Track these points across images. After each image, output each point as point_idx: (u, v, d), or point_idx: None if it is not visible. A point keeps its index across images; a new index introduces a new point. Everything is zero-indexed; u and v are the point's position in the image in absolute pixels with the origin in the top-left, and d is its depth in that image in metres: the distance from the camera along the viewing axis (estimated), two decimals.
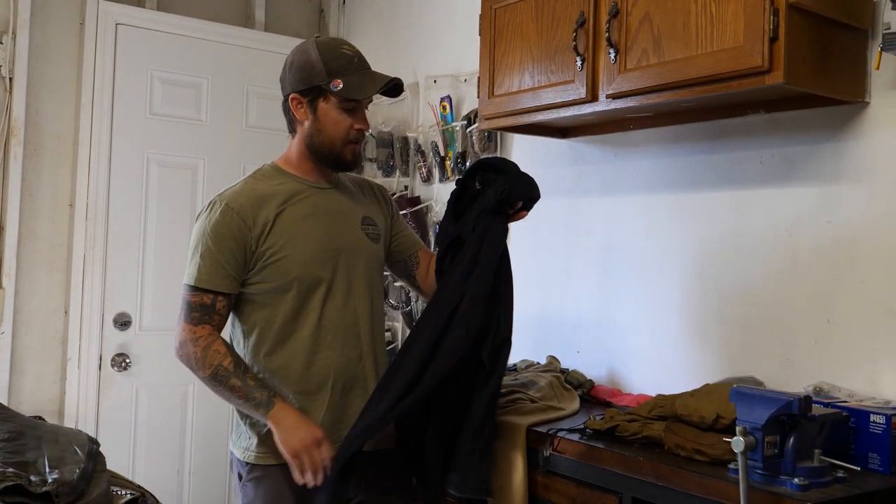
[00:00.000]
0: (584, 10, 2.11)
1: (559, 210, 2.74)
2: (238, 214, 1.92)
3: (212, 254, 1.91)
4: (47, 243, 3.24)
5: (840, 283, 1.98)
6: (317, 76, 1.95)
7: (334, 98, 1.95)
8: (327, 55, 1.97)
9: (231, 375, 1.88)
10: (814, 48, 1.79)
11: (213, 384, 1.91)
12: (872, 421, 1.70)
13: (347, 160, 2.01)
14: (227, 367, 1.89)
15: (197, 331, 1.91)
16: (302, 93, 1.97)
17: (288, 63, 2.02)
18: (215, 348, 1.90)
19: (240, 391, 1.88)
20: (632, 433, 1.88)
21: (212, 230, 1.92)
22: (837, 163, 1.99)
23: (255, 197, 1.95)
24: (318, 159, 2.02)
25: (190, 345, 1.90)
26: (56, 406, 3.24)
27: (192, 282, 1.93)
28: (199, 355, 1.89)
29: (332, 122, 1.97)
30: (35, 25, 3.19)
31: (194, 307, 1.92)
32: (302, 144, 2.02)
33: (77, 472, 1.97)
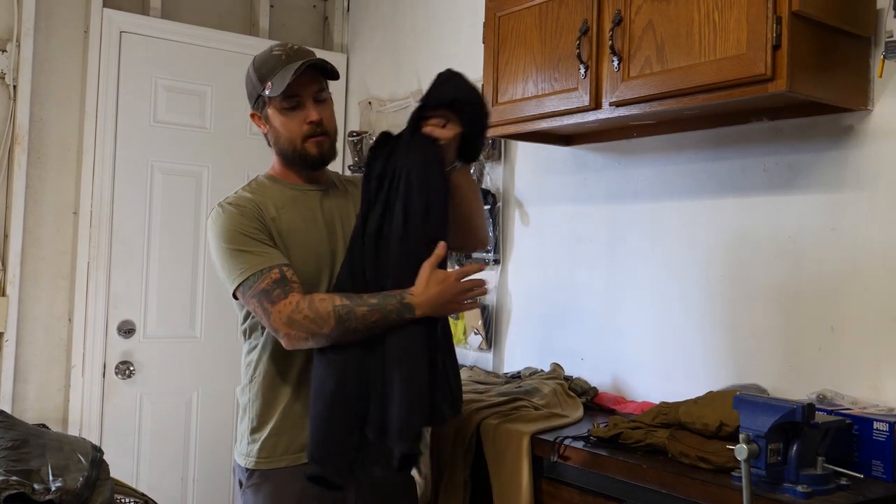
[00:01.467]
0: (588, 17, 2.12)
1: (563, 217, 2.74)
2: (245, 207, 1.90)
3: (244, 241, 1.84)
4: (51, 251, 3.25)
5: (844, 290, 1.98)
6: (255, 87, 1.95)
7: (275, 100, 1.93)
8: (258, 62, 1.96)
9: (353, 307, 1.76)
10: (817, 56, 1.79)
11: (343, 329, 1.77)
12: (876, 428, 1.70)
13: (312, 155, 1.96)
14: (343, 303, 1.77)
15: (289, 302, 1.78)
16: (254, 107, 1.99)
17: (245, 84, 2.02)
18: (318, 299, 1.78)
19: (372, 314, 1.76)
20: (636, 441, 1.88)
21: (230, 223, 1.87)
22: (841, 170, 2.00)
23: (254, 200, 1.93)
24: (290, 164, 1.99)
25: (296, 315, 1.77)
26: (60, 414, 3.24)
27: (247, 274, 1.82)
28: (311, 315, 1.76)
29: (282, 125, 1.95)
30: (39, 33, 3.20)
31: (269, 288, 1.80)
32: (276, 155, 2.02)
33: (81, 480, 1.97)
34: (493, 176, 3.00)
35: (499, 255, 2.95)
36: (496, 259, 2.95)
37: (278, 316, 1.79)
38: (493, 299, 2.97)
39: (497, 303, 2.97)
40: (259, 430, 1.94)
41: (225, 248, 1.86)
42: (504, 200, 2.96)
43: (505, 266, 2.96)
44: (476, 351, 3.00)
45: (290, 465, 1.90)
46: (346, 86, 3.89)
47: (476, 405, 2.21)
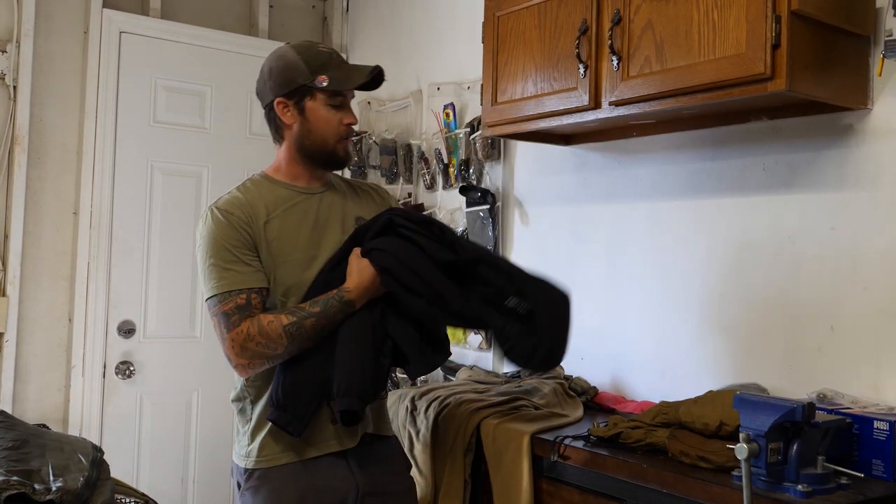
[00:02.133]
0: (587, 17, 2.12)
1: (563, 217, 2.74)
2: (235, 217, 1.89)
3: (227, 255, 1.86)
4: (51, 251, 3.25)
5: (843, 289, 1.98)
6: (301, 76, 1.92)
7: (321, 95, 1.93)
8: (306, 55, 1.95)
9: (301, 320, 1.82)
10: (816, 55, 1.79)
11: (296, 344, 1.82)
12: (876, 427, 1.70)
13: (340, 157, 2.00)
14: (291, 321, 1.81)
15: (241, 329, 1.81)
16: (287, 95, 1.94)
17: (266, 71, 1.98)
18: (266, 321, 1.81)
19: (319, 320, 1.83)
20: (635, 440, 1.88)
21: (216, 235, 1.87)
22: (840, 169, 2.00)
23: (245, 204, 1.92)
24: (311, 160, 1.99)
25: (249, 343, 1.81)
26: (60, 414, 3.24)
27: (216, 291, 1.85)
28: (263, 341, 1.80)
29: (322, 120, 1.95)
30: (39, 34, 3.20)
31: (231, 312, 1.83)
32: (292, 149, 1.98)
33: (81, 480, 1.97)
34: (492, 175, 3.00)
35: (498, 254, 2.95)
36: None
37: (231, 344, 1.83)
38: None
39: None
40: (259, 430, 1.93)
41: (206, 258, 1.88)
42: (503, 200, 2.96)
43: None
44: (476, 350, 3.00)
45: (290, 462, 1.89)
46: None
47: (476, 405, 2.21)
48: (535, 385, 2.39)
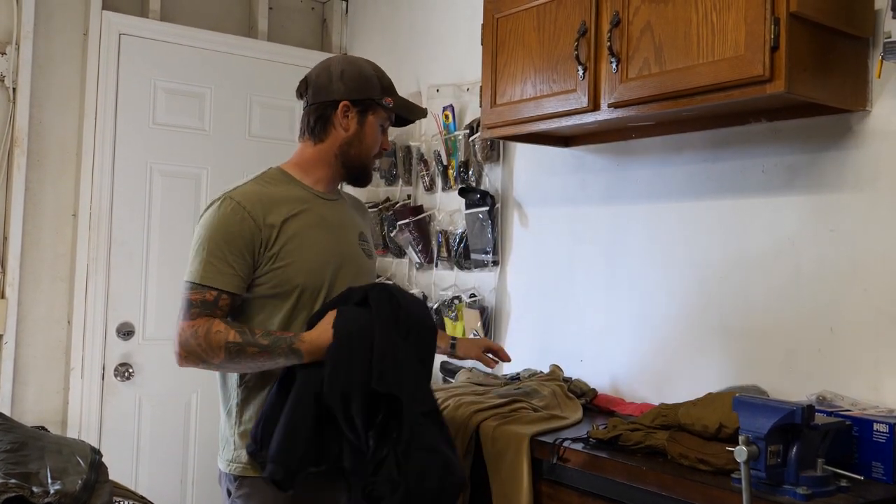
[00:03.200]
0: (586, 19, 2.12)
1: (561, 218, 2.74)
2: (249, 214, 1.87)
3: (221, 251, 1.85)
4: (50, 253, 3.25)
5: (843, 291, 1.98)
6: (373, 89, 1.99)
7: (383, 113, 2.01)
8: (379, 73, 2.03)
9: (244, 345, 1.81)
10: (815, 57, 1.79)
11: (232, 364, 1.83)
12: (876, 430, 1.70)
13: (369, 175, 2.08)
14: (234, 341, 1.80)
15: (193, 324, 1.83)
16: (354, 102, 1.97)
17: (336, 71, 1.99)
18: (215, 329, 1.81)
19: (261, 355, 1.81)
20: (635, 442, 1.88)
21: (221, 227, 1.87)
22: (839, 171, 1.99)
23: (266, 199, 1.92)
24: (345, 169, 2.02)
25: (192, 340, 1.82)
26: (59, 416, 3.24)
27: (195, 279, 1.85)
28: (203, 345, 1.81)
29: (373, 136, 2.01)
30: (39, 36, 3.20)
31: (195, 304, 1.84)
32: (330, 152, 2.00)
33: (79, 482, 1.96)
34: (491, 177, 3.00)
35: (498, 256, 2.95)
36: (495, 260, 2.95)
37: (179, 333, 1.85)
38: (492, 300, 2.97)
39: (496, 304, 2.97)
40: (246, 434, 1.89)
41: (200, 242, 1.89)
42: (503, 201, 2.96)
43: (504, 267, 2.96)
44: None
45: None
46: None
47: (475, 407, 2.21)
48: (534, 387, 2.39)
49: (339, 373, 1.76)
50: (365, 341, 1.78)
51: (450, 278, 3.17)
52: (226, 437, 1.96)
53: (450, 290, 3.14)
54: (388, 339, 1.78)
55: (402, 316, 1.82)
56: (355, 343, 1.78)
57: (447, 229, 3.18)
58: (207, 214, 1.91)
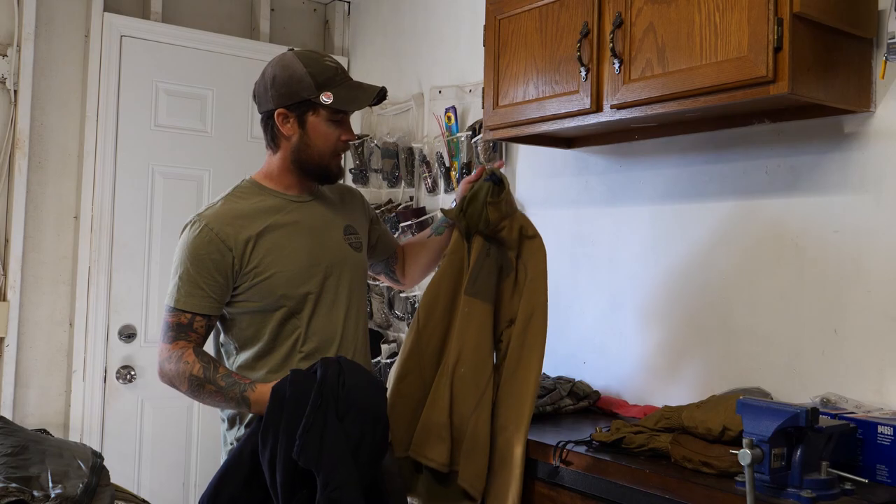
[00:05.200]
0: (588, 20, 2.11)
1: (564, 220, 2.73)
2: (217, 235, 1.90)
3: (189, 275, 1.90)
4: (52, 256, 3.25)
5: (847, 292, 1.97)
6: (305, 90, 1.92)
7: (324, 111, 1.94)
8: (313, 68, 1.93)
9: (204, 382, 1.84)
10: (818, 58, 1.78)
11: (194, 395, 1.88)
12: (880, 432, 1.69)
13: (333, 172, 2.02)
14: (197, 375, 1.85)
15: (171, 348, 1.89)
16: (289, 108, 1.94)
17: (269, 78, 1.96)
18: (185, 359, 1.86)
19: (217, 395, 1.85)
20: (638, 445, 1.87)
21: (190, 251, 1.91)
22: (843, 172, 1.99)
23: (236, 216, 1.93)
24: (304, 173, 2.01)
25: (167, 364, 1.89)
26: (61, 419, 3.24)
27: (170, 303, 1.92)
28: (173, 371, 1.87)
29: (322, 136, 1.96)
30: (40, 38, 3.20)
31: (171, 326, 1.91)
32: (286, 160, 1.99)
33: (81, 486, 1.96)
34: None
35: None
36: None
37: (159, 355, 1.91)
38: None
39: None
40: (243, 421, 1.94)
41: (177, 266, 1.93)
42: None
43: None
44: None
45: None
46: None
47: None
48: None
49: (267, 435, 1.73)
50: (299, 409, 1.72)
51: None
52: (228, 442, 1.99)
53: None
54: (318, 414, 1.70)
55: (343, 395, 1.74)
56: (289, 408, 1.73)
57: None
58: (181, 237, 1.95)
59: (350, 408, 1.73)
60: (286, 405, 1.73)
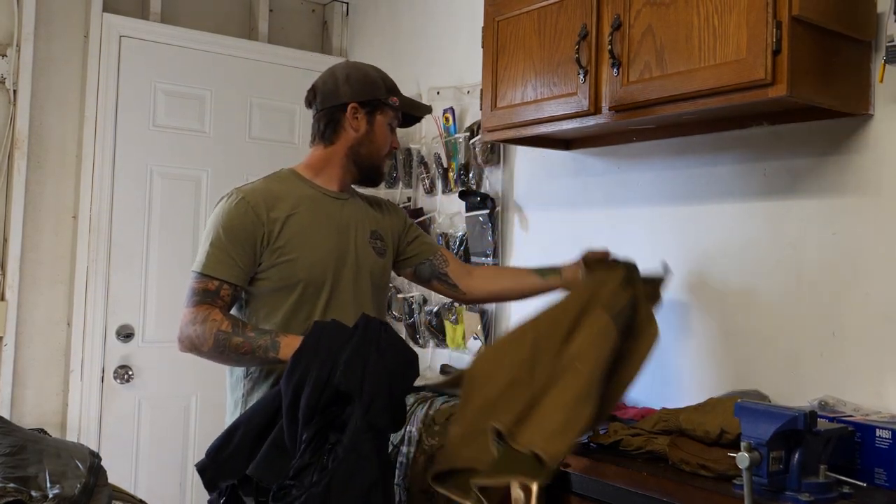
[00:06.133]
0: (587, 22, 2.11)
1: (562, 222, 2.73)
2: (252, 208, 1.95)
3: (222, 243, 1.93)
4: (50, 255, 3.25)
5: (845, 295, 1.97)
6: (378, 90, 2.07)
7: (391, 113, 2.09)
8: (382, 74, 2.11)
9: (231, 335, 1.85)
10: (817, 60, 1.78)
11: (218, 353, 1.87)
12: (878, 436, 1.69)
13: (381, 173, 2.15)
14: (224, 330, 1.86)
15: (196, 310, 1.90)
16: (362, 103, 2.05)
17: (341, 76, 2.07)
18: (213, 317, 1.88)
19: (244, 346, 1.85)
20: (636, 447, 1.87)
21: (225, 220, 1.95)
22: (841, 175, 1.99)
23: (271, 195, 2.00)
24: (357, 168, 2.09)
25: (190, 326, 1.88)
26: (58, 418, 3.24)
27: (198, 268, 1.94)
28: (198, 331, 1.87)
29: (383, 136, 2.08)
30: (39, 38, 3.20)
31: (197, 292, 1.92)
32: (342, 153, 2.07)
33: (78, 486, 1.96)
34: (492, 180, 2.99)
35: (498, 259, 2.94)
36: (495, 263, 2.94)
37: (182, 318, 1.91)
38: (492, 304, 2.96)
39: (496, 307, 2.96)
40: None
41: (209, 233, 1.96)
42: (503, 205, 2.95)
43: None
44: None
45: None
46: None
47: None
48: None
49: (300, 360, 1.75)
50: (335, 342, 1.76)
51: None
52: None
53: None
54: (363, 347, 1.75)
55: (385, 337, 1.79)
56: (325, 341, 1.76)
57: (447, 232, 3.17)
58: (216, 210, 2.00)
59: (391, 347, 1.78)
60: (326, 335, 1.77)
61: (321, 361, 1.72)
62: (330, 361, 1.72)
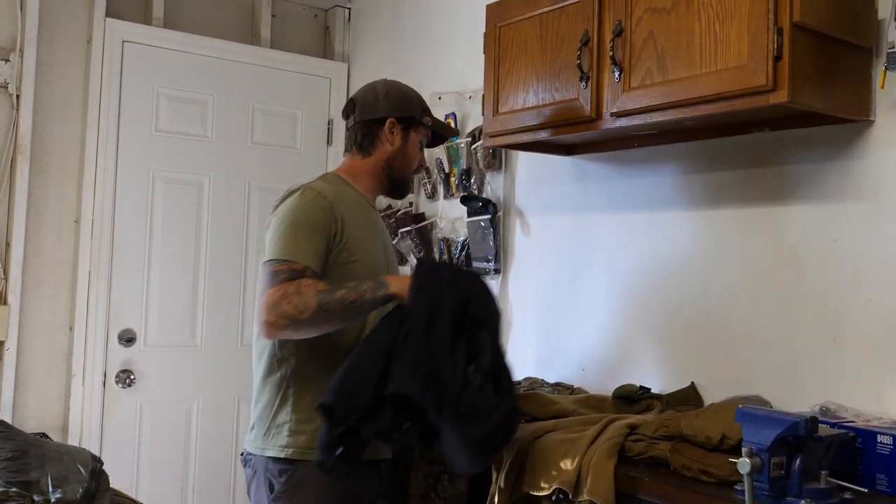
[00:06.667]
0: (589, 28, 2.12)
1: (564, 227, 2.74)
2: (330, 204, 1.99)
3: (303, 232, 1.94)
4: (53, 260, 3.25)
5: (846, 301, 1.97)
6: (414, 109, 2.17)
7: (423, 131, 2.20)
8: (418, 95, 2.22)
9: (332, 290, 1.84)
10: (818, 67, 1.78)
11: (322, 314, 1.83)
12: (880, 441, 1.69)
13: (408, 187, 2.27)
14: (323, 290, 1.84)
15: (284, 286, 1.84)
16: (399, 119, 2.15)
17: (381, 91, 2.17)
18: (305, 284, 1.85)
19: (350, 295, 1.85)
20: (637, 453, 1.87)
21: (304, 213, 1.97)
22: (842, 181, 1.99)
23: (335, 196, 2.04)
24: (388, 180, 2.18)
25: (283, 301, 1.82)
26: (60, 422, 3.24)
27: (281, 255, 1.90)
28: (294, 300, 1.82)
29: (413, 151, 2.19)
30: (42, 43, 3.21)
31: (281, 272, 1.87)
32: (377, 165, 2.16)
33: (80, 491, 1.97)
34: (493, 185, 3.00)
35: (499, 264, 2.95)
36: (497, 268, 2.94)
37: (266, 301, 1.85)
38: None
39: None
40: (310, 421, 1.92)
41: (285, 223, 1.96)
42: (505, 210, 2.96)
43: (505, 275, 2.95)
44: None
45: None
46: (347, 95, 3.90)
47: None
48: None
49: (427, 289, 1.82)
50: (450, 274, 1.91)
51: None
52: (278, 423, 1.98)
53: None
54: (477, 279, 1.94)
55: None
56: (444, 273, 1.91)
57: (449, 237, 3.17)
58: (289, 202, 2.01)
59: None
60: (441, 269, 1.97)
61: (452, 294, 1.82)
62: (460, 294, 1.83)
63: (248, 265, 3.63)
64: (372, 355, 1.80)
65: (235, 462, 3.58)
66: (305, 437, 1.94)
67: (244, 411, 3.59)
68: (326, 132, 3.88)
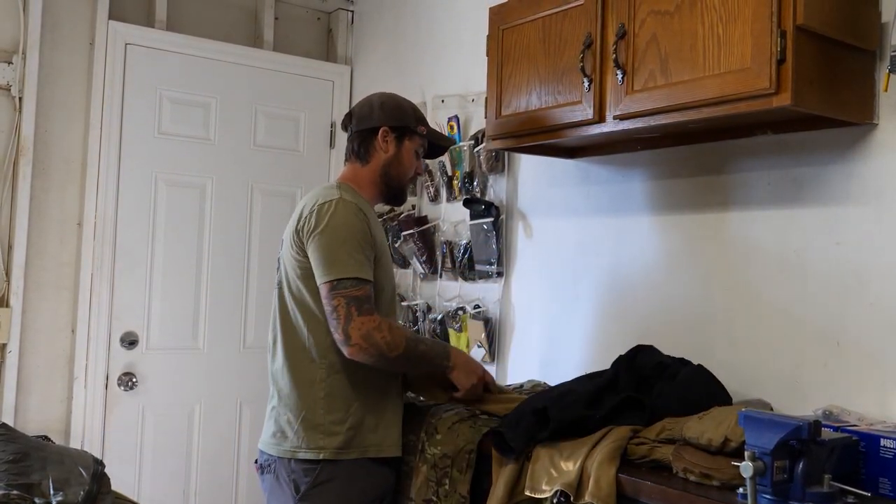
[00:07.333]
0: (592, 31, 2.12)
1: (567, 230, 2.73)
2: (366, 217, 2.11)
3: (359, 246, 2.05)
4: (55, 262, 3.25)
5: (849, 304, 1.97)
6: (408, 118, 2.26)
7: (418, 140, 2.28)
8: (412, 106, 2.31)
9: (417, 342, 2.10)
10: (821, 70, 1.78)
11: (403, 360, 2.05)
12: (883, 445, 1.68)
13: (404, 195, 2.35)
14: (411, 338, 2.08)
15: (375, 319, 2.01)
16: (393, 128, 2.24)
17: (376, 103, 2.27)
18: (395, 327, 2.05)
19: (427, 354, 2.11)
20: (640, 456, 1.86)
21: (352, 226, 2.07)
22: (846, 184, 1.99)
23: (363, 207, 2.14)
24: (386, 189, 2.27)
25: (376, 333, 1.99)
26: (62, 425, 3.24)
27: (353, 275, 2.02)
28: (388, 339, 2.00)
29: (409, 159, 2.27)
30: (45, 46, 3.21)
31: (364, 299, 2.02)
32: (374, 174, 2.25)
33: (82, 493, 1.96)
34: (496, 188, 3.00)
35: (502, 267, 2.94)
36: (499, 271, 2.94)
37: (360, 327, 1.99)
38: (496, 312, 2.97)
39: (500, 315, 2.96)
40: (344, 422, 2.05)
41: (343, 241, 2.04)
42: (507, 213, 2.95)
43: (508, 278, 2.95)
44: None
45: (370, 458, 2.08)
46: (350, 98, 3.90)
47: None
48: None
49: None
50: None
51: (454, 289, 3.16)
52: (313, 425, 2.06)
53: (454, 301, 3.13)
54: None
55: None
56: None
57: (452, 240, 3.17)
58: (333, 216, 2.06)
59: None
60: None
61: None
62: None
63: (251, 268, 3.63)
64: (580, 392, 2.04)
65: (237, 465, 3.58)
66: (339, 438, 2.04)
67: (246, 414, 3.59)
68: (329, 135, 3.88)
